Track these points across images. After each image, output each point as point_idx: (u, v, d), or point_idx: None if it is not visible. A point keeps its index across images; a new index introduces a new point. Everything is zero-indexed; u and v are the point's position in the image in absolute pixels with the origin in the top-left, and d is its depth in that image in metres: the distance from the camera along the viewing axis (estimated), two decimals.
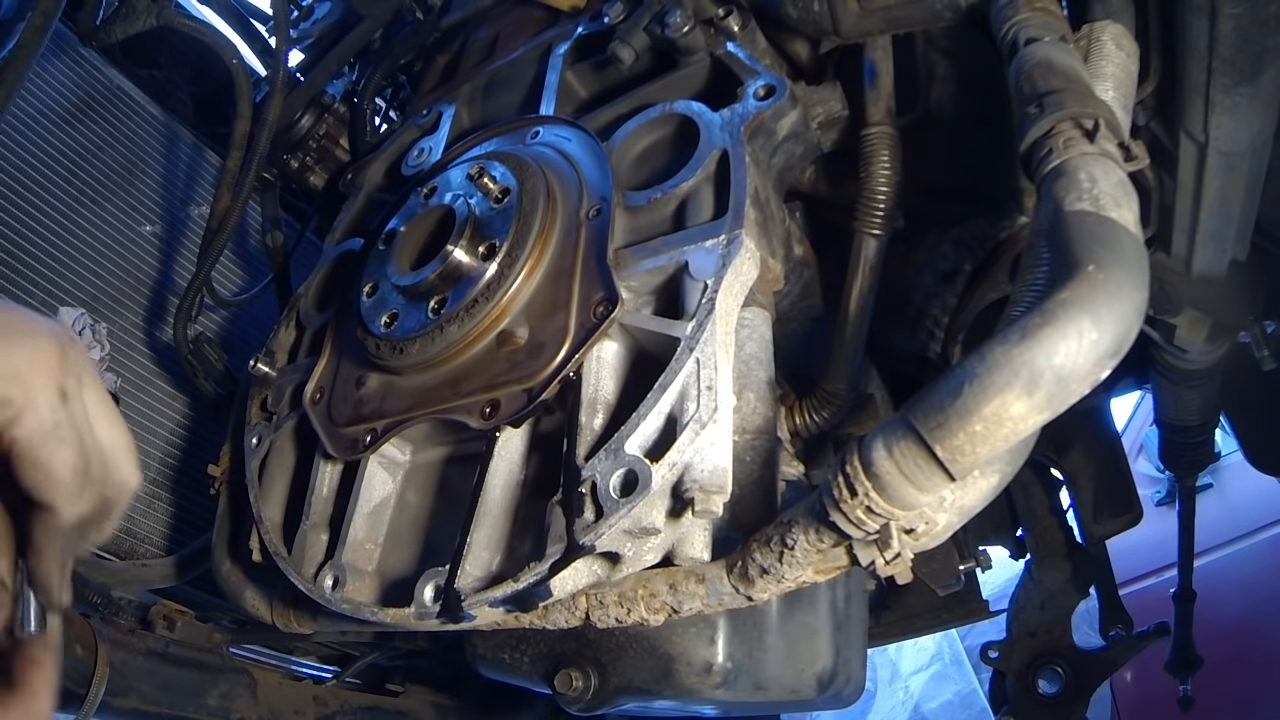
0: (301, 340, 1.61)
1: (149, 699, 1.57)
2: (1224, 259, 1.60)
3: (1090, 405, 2.42)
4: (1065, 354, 0.74)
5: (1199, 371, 2.08)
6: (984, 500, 0.90)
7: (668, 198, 1.19)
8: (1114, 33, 1.15)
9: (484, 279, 1.21)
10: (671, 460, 0.95)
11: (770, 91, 1.23)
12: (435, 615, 1.08)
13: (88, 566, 1.81)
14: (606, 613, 1.08)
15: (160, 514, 2.12)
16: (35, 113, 2.08)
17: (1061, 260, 0.79)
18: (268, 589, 1.50)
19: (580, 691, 1.40)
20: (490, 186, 1.28)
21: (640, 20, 1.42)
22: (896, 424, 0.82)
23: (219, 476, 1.61)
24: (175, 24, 1.82)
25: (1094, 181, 0.83)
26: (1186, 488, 2.86)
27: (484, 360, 1.20)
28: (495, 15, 1.95)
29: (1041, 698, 2.57)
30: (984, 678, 5.28)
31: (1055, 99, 0.91)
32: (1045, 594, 2.60)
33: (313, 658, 2.21)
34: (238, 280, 2.49)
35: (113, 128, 2.27)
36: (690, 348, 1.00)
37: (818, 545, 0.92)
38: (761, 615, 1.40)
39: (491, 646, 1.55)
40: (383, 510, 1.30)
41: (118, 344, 2.10)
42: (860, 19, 1.30)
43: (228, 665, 1.77)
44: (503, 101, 1.71)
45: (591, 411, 1.08)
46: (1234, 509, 4.45)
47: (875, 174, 1.32)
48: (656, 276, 1.12)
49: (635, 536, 1.00)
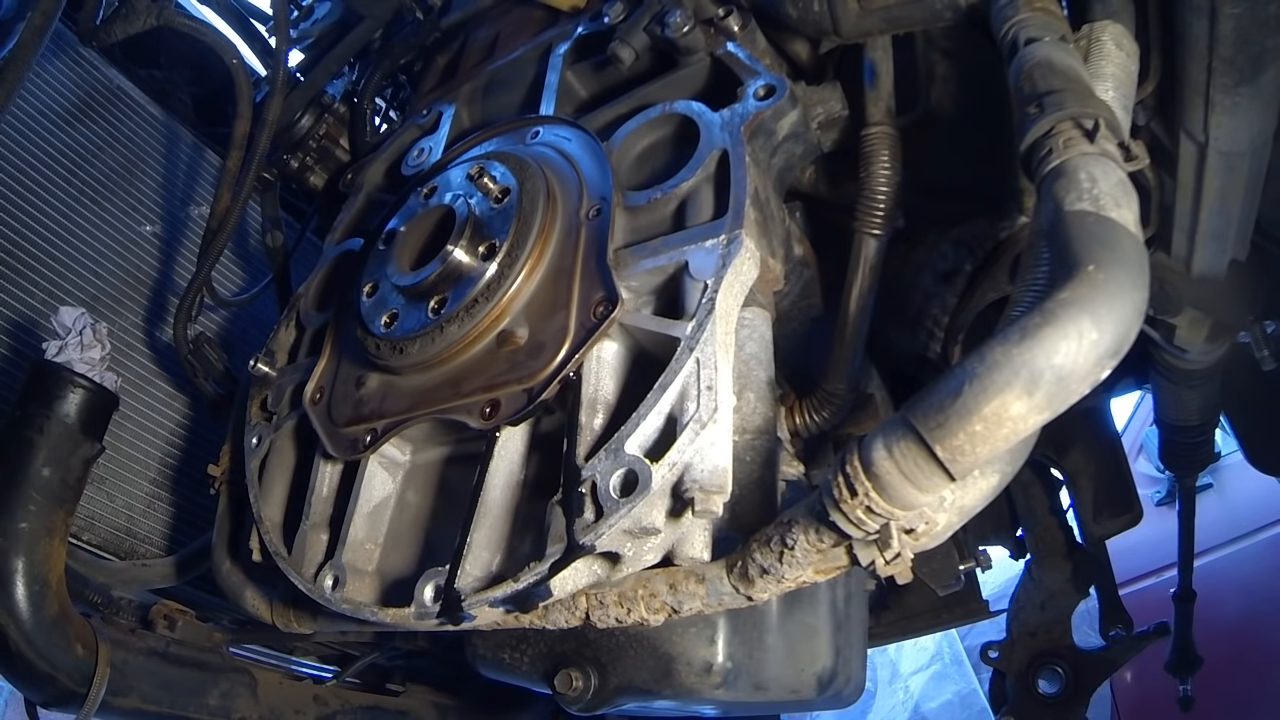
0: (301, 340, 1.61)
1: (149, 698, 1.57)
2: (1224, 259, 1.60)
3: (1090, 405, 2.42)
4: (1065, 354, 0.74)
5: (1199, 371, 2.08)
6: (984, 500, 0.90)
7: (668, 198, 1.19)
8: (1114, 33, 1.15)
9: (484, 279, 1.21)
10: (671, 460, 0.96)
11: (770, 91, 1.23)
12: (435, 615, 1.08)
13: (88, 566, 1.81)
14: (606, 613, 1.08)
15: (160, 514, 2.12)
16: (35, 113, 2.09)
17: (1061, 260, 0.79)
18: (268, 589, 1.50)
19: (580, 691, 1.40)
20: (490, 186, 1.28)
21: (640, 20, 1.42)
22: (896, 424, 0.82)
23: (219, 476, 1.61)
24: (175, 24, 1.82)
25: (1094, 181, 0.83)
26: (1186, 488, 2.86)
27: (484, 360, 1.20)
28: (495, 15, 1.95)
29: (1041, 698, 2.57)
30: (984, 678, 5.29)
31: (1055, 99, 0.91)
32: (1045, 594, 2.60)
33: (313, 658, 2.21)
34: (238, 280, 2.49)
35: (113, 128, 2.27)
36: (690, 348, 1.00)
37: (818, 545, 0.92)
38: (761, 615, 1.40)
39: (491, 646, 1.55)
40: (383, 510, 1.30)
41: (118, 344, 2.09)
42: (860, 19, 1.30)
43: (228, 665, 1.77)
44: (503, 101, 1.71)
45: (591, 411, 1.08)
46: (1234, 509, 4.45)
47: (875, 174, 1.32)
48: (656, 276, 1.12)
49: (635, 536, 1.00)
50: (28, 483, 1.35)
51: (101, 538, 1.97)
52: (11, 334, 1.93)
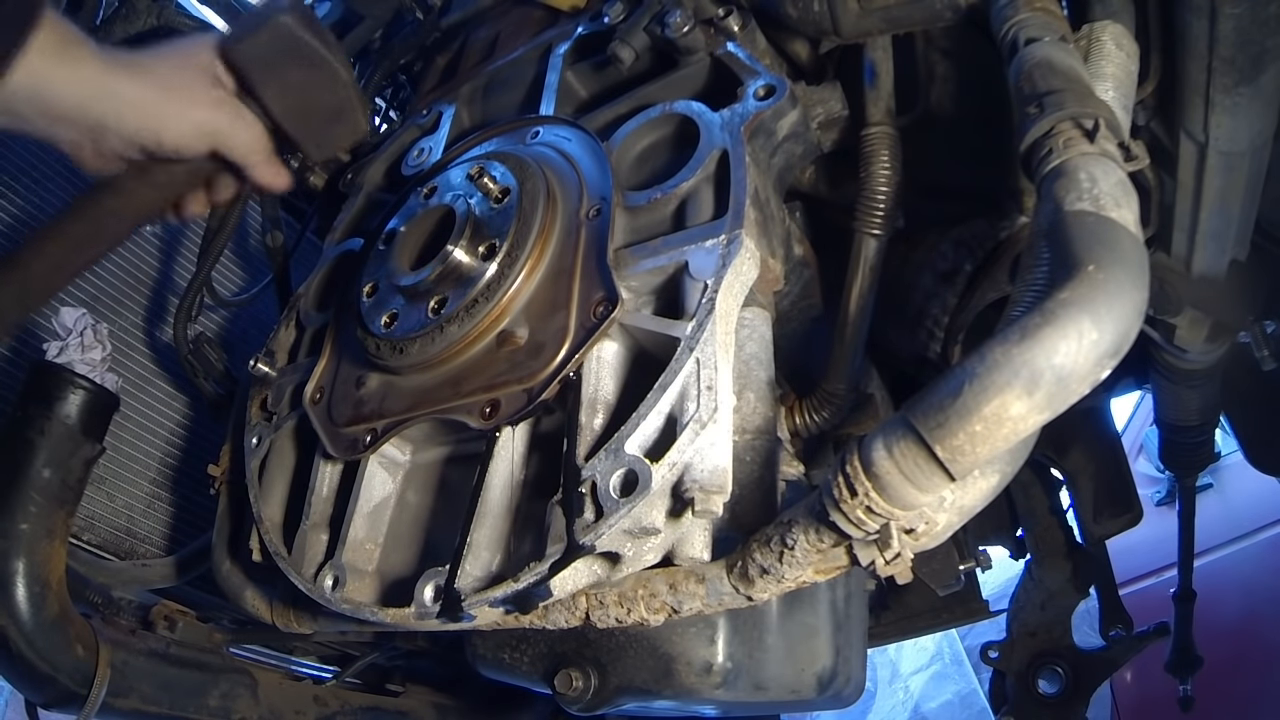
0: (301, 340, 1.61)
1: (149, 699, 1.57)
2: (1224, 259, 1.60)
3: (1090, 405, 2.42)
4: (1065, 354, 0.74)
5: (1199, 371, 2.08)
6: (984, 500, 0.90)
7: (668, 198, 1.19)
8: (1114, 33, 1.15)
9: (484, 279, 1.21)
10: (671, 460, 0.96)
11: (770, 91, 1.23)
12: (435, 615, 1.08)
13: (88, 567, 1.81)
14: (606, 613, 1.08)
15: (160, 514, 2.12)
16: None
17: (1061, 260, 0.79)
18: (268, 589, 1.50)
19: (580, 691, 1.40)
20: (490, 186, 1.28)
21: (640, 20, 1.42)
22: (896, 424, 0.82)
23: (219, 476, 1.61)
24: (175, 24, 1.82)
25: (1094, 181, 0.83)
26: (1186, 488, 2.86)
27: (484, 360, 1.20)
28: (495, 15, 1.95)
29: (1041, 698, 2.57)
30: (984, 678, 5.29)
31: (1055, 99, 0.91)
32: (1045, 594, 2.60)
33: (313, 658, 2.21)
34: (238, 280, 2.49)
35: None
36: (690, 348, 1.00)
37: (818, 545, 0.92)
38: (761, 615, 1.40)
39: (491, 646, 1.55)
40: (383, 510, 1.30)
41: (118, 344, 2.09)
42: (860, 19, 1.30)
43: (228, 665, 1.77)
44: (503, 101, 1.71)
45: (591, 411, 1.08)
46: (1234, 509, 4.45)
47: (875, 174, 1.32)
48: (656, 276, 1.12)
49: (635, 536, 1.00)
50: (28, 484, 1.35)
51: (101, 538, 1.97)
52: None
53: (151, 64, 1.18)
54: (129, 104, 1.14)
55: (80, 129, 1.14)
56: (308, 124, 1.28)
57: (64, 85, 1.10)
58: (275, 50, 1.21)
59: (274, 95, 1.23)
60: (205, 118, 1.20)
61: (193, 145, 1.21)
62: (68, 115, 1.12)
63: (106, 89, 1.13)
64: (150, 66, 1.17)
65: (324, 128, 1.30)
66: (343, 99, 1.29)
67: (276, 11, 1.21)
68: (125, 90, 1.14)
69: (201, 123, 1.19)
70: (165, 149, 1.19)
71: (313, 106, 1.27)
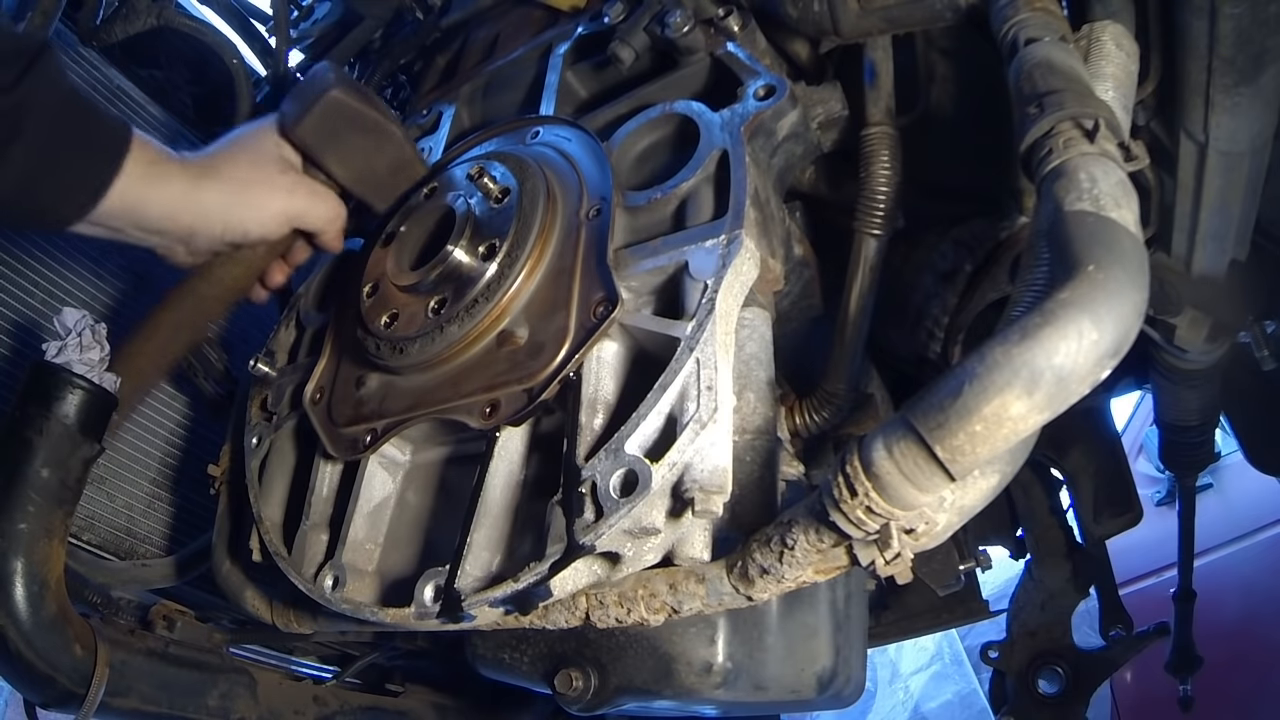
0: (301, 340, 1.61)
1: (149, 699, 1.56)
2: (1224, 259, 1.60)
3: (1090, 405, 2.42)
4: (1065, 354, 0.73)
5: (1199, 371, 2.07)
6: (984, 500, 0.90)
7: (668, 198, 1.19)
8: (1114, 33, 1.15)
9: (484, 279, 1.21)
10: (671, 460, 0.95)
11: (770, 91, 1.23)
12: (435, 615, 1.08)
13: (88, 566, 1.81)
14: (606, 613, 1.07)
15: (160, 514, 2.11)
16: None
17: (1061, 260, 0.79)
18: (268, 589, 1.50)
19: (580, 691, 1.40)
20: (490, 186, 1.28)
21: (640, 20, 1.42)
22: (896, 424, 0.82)
23: (219, 476, 1.61)
24: (175, 24, 1.82)
25: (1094, 181, 0.83)
26: (1186, 488, 2.86)
27: (484, 360, 1.20)
28: (495, 15, 1.95)
29: (1041, 698, 2.57)
30: (984, 678, 5.28)
31: (1055, 99, 0.91)
32: (1045, 594, 2.59)
33: (313, 658, 2.21)
34: None
35: None
36: (690, 348, 1.00)
37: (818, 545, 0.92)
38: (761, 615, 1.40)
39: (491, 646, 1.55)
40: (383, 510, 1.30)
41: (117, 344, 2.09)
42: (860, 19, 1.30)
43: (228, 665, 1.76)
44: (503, 101, 1.71)
45: (591, 411, 1.08)
46: (1234, 509, 4.45)
47: (875, 174, 1.32)
48: (656, 276, 1.12)
49: (635, 536, 1.00)
50: (26, 483, 1.34)
51: (101, 538, 1.97)
52: (11, 334, 1.93)
53: (227, 165, 1.28)
54: (215, 209, 1.25)
55: (171, 236, 1.26)
56: (372, 182, 1.39)
57: (154, 203, 1.20)
58: (334, 124, 1.31)
59: (338, 164, 1.35)
60: (284, 204, 1.31)
61: (276, 231, 1.33)
62: (159, 227, 1.23)
63: (192, 199, 1.22)
64: (227, 168, 1.28)
65: (386, 181, 1.41)
66: (400, 153, 1.40)
67: (326, 87, 1.30)
68: (209, 198, 1.24)
69: (282, 210, 1.31)
70: (251, 240, 1.32)
71: (375, 166, 1.38)
